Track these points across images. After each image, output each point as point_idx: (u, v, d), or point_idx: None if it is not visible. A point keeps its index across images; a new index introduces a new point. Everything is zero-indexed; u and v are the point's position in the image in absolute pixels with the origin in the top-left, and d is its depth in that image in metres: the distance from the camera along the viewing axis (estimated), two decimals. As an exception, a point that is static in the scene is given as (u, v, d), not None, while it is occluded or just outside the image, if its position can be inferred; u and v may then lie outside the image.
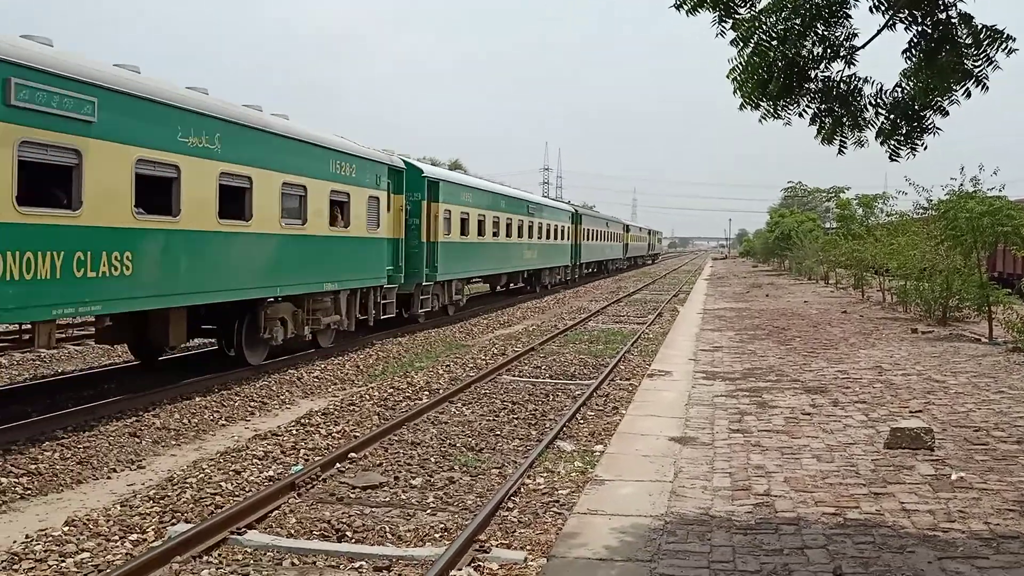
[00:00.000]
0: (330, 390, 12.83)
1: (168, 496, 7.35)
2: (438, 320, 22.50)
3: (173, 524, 6.65)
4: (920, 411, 9.64)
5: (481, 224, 25.31)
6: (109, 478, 8.14)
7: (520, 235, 30.62)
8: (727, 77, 5.73)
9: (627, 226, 68.41)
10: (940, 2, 5.46)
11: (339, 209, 15.83)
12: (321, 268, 15.15)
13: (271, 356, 14.40)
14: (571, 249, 40.94)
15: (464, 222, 23.68)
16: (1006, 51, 5.37)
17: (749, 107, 5.74)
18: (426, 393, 12.28)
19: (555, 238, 36.99)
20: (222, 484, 7.73)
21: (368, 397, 11.94)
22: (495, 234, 27.14)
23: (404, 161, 20.06)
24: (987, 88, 5.46)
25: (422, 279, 20.19)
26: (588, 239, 45.73)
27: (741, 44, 5.54)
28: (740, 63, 5.62)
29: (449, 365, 14.95)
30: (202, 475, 8.02)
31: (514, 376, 13.92)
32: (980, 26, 5.37)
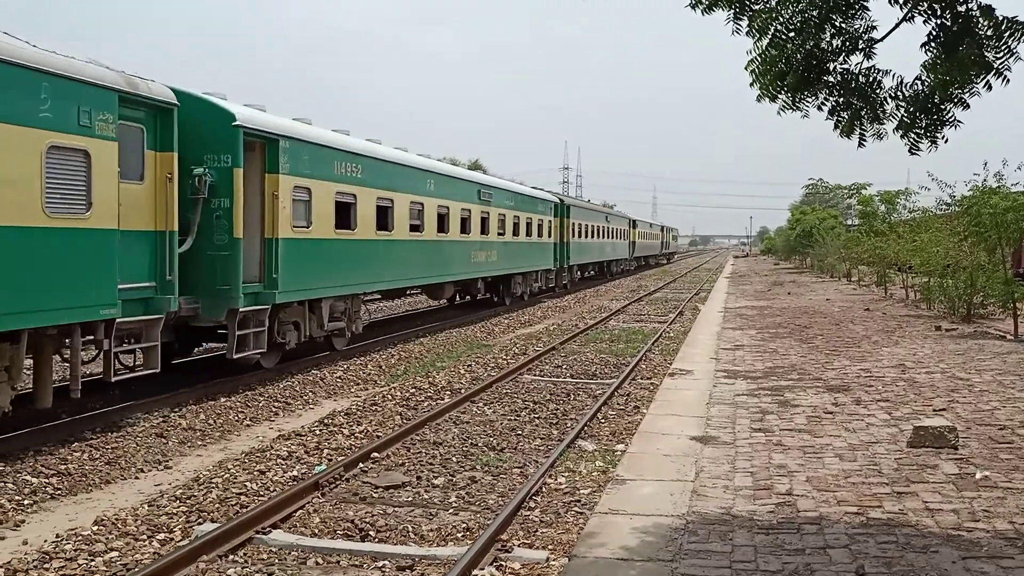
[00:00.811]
0: (352, 390, 12.92)
1: (194, 496, 7.45)
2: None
3: (200, 523, 6.74)
4: (944, 409, 9.55)
5: (385, 213, 16.99)
6: (137, 478, 8.26)
7: (467, 230, 22.46)
8: (745, 68, 5.72)
9: (634, 221, 58.86)
10: None
11: None
12: None
13: None
14: (555, 249, 33.11)
15: (346, 209, 15.41)
16: None
17: (767, 99, 5.73)
18: (448, 393, 12.34)
19: (528, 235, 28.93)
20: (247, 484, 7.83)
21: (390, 397, 12.02)
22: (416, 228, 18.70)
23: (181, 93, 11.33)
24: (1008, 80, 5.42)
25: (238, 302, 12.01)
26: (580, 236, 38.17)
27: (758, 36, 5.53)
28: (757, 55, 5.61)
29: (471, 365, 15.01)
30: (228, 475, 8.12)
31: (535, 375, 13.95)
32: (1001, 18, 5.33)
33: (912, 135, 5.69)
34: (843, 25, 5.53)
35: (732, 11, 5.39)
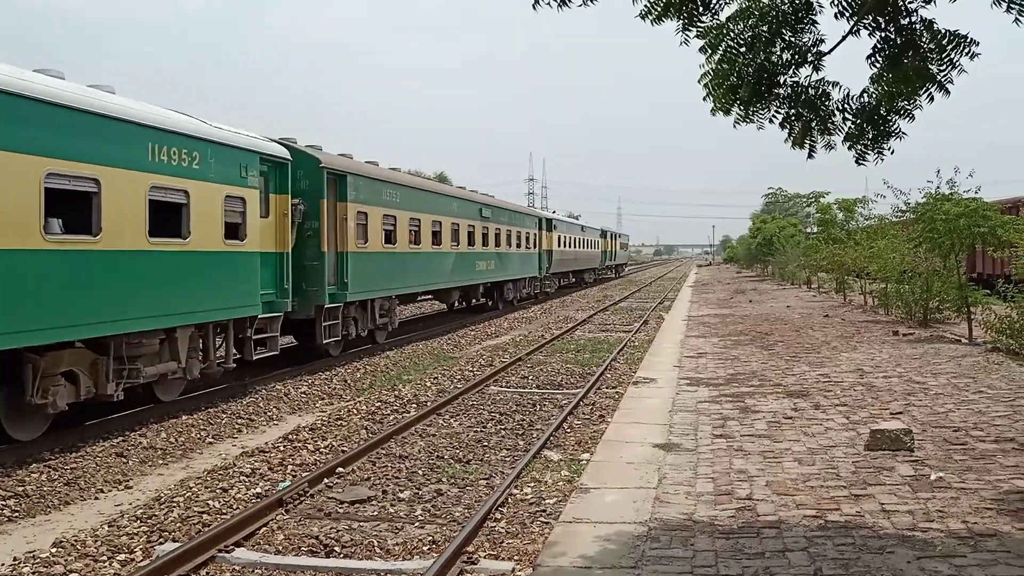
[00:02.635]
0: (317, 405, 12.84)
1: (155, 515, 7.37)
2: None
3: (161, 543, 6.67)
4: (900, 413, 9.76)
5: None
6: (96, 499, 8.14)
7: None
8: (699, 83, 5.84)
9: (549, 221, 39.70)
10: (903, 8, 5.60)
11: None
12: None
13: None
14: (279, 267, 14.43)
15: None
16: (969, 55, 5.51)
17: (721, 112, 5.85)
18: (414, 406, 12.32)
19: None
20: (209, 502, 7.75)
21: (356, 411, 11.97)
22: None
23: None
24: (949, 93, 5.60)
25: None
26: (387, 241, 19.25)
27: (710, 51, 5.66)
28: (710, 69, 5.73)
29: (437, 377, 14.99)
30: (189, 493, 8.04)
31: (501, 387, 13.97)
32: (943, 31, 5.51)
33: (859, 146, 5.86)
34: (792, 39, 5.68)
35: (681, 22, 5.50)
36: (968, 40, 5.49)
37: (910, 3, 5.58)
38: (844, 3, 5.55)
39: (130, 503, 7.92)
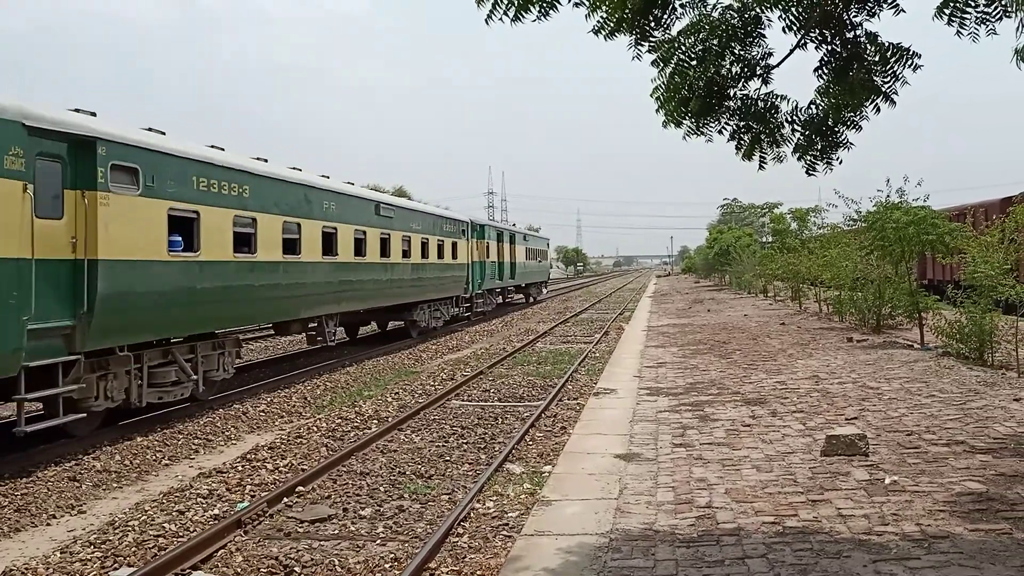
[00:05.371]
0: (277, 423, 12.68)
1: (110, 540, 7.22)
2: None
3: (116, 569, 6.54)
4: (855, 418, 9.92)
5: None
6: (49, 525, 7.94)
7: None
8: (650, 96, 5.90)
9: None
10: (848, 22, 5.73)
11: None
12: None
13: None
14: None
15: None
16: (912, 67, 5.66)
17: (672, 125, 5.91)
18: (375, 422, 12.24)
19: None
20: (165, 525, 7.61)
21: (316, 428, 11.85)
22: None
23: None
24: (895, 104, 5.74)
25: None
26: None
27: (662, 64, 5.73)
28: (662, 83, 5.81)
29: (398, 392, 14.91)
30: (145, 517, 7.88)
31: (463, 400, 13.94)
32: (887, 44, 5.66)
33: (808, 157, 5.97)
34: (742, 52, 5.76)
35: (634, 36, 5.57)
36: (910, 52, 5.63)
37: (855, 17, 5.72)
38: (792, 17, 5.65)
39: (83, 528, 7.75)
